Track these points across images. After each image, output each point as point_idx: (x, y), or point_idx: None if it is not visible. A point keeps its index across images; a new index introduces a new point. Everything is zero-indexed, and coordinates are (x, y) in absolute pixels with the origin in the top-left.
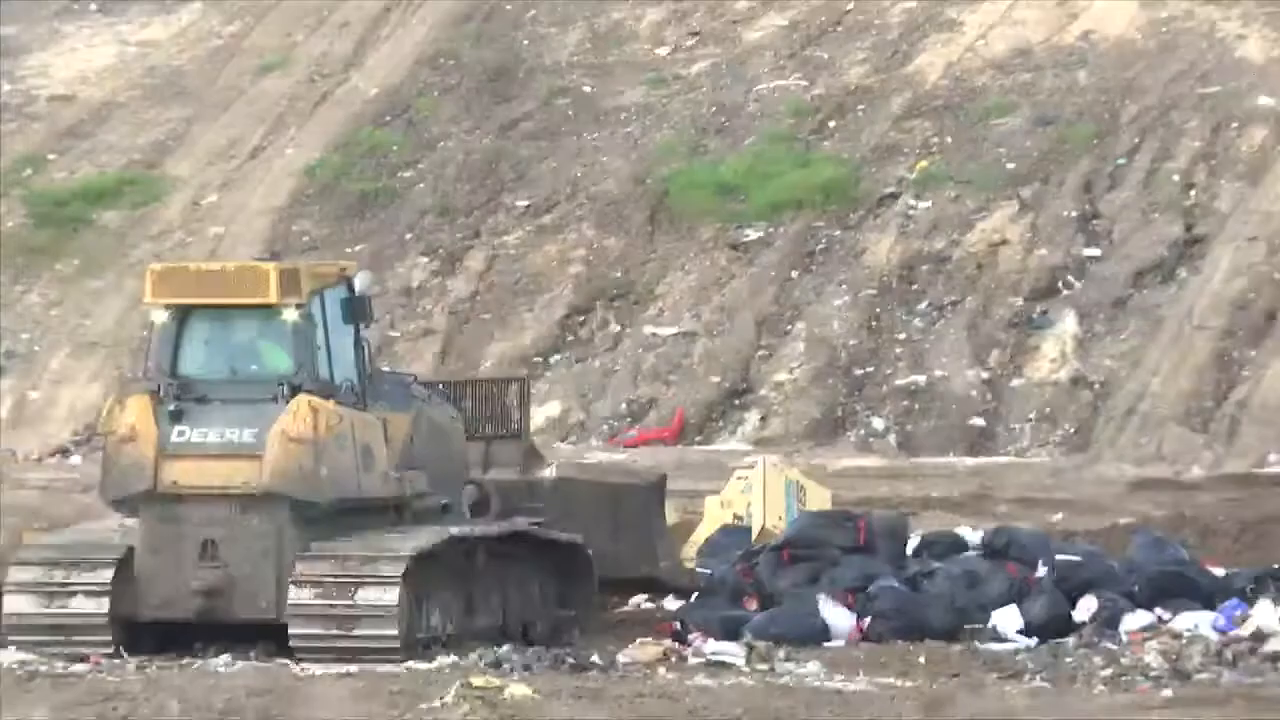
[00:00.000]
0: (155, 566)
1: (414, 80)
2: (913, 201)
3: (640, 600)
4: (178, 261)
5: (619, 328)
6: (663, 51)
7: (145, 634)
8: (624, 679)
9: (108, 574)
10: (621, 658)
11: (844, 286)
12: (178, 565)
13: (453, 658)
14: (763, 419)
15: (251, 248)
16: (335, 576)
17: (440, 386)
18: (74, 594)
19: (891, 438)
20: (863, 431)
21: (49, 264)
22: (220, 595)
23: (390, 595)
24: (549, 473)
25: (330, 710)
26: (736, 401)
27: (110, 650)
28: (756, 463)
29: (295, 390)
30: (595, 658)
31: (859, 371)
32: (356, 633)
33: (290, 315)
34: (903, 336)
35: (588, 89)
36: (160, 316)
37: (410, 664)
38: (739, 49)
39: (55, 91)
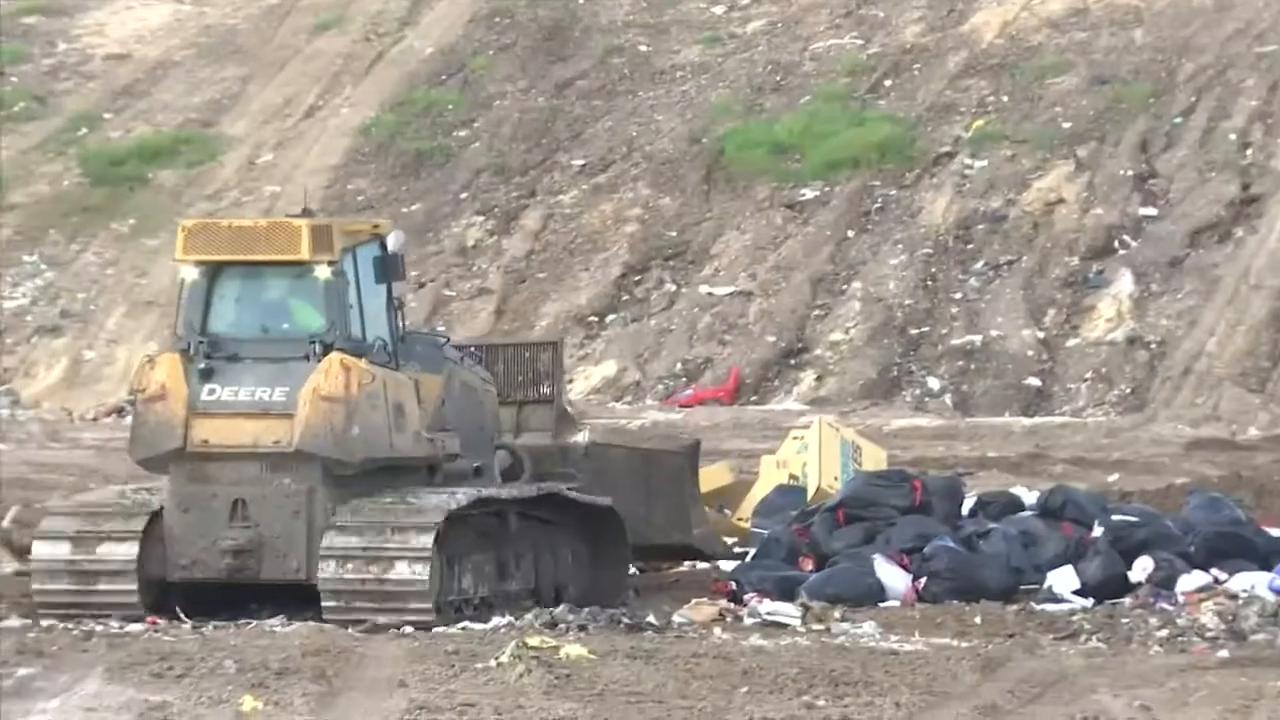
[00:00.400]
0: (185, 526)
1: (469, 39)
2: (968, 161)
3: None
4: (209, 218)
5: (674, 287)
6: (718, 10)
7: (174, 597)
8: (679, 639)
9: (139, 523)
10: (677, 618)
11: (899, 246)
12: (207, 525)
13: (508, 618)
14: (818, 379)
15: None
16: (370, 522)
17: (473, 349)
18: (103, 541)
19: (947, 398)
20: (918, 391)
21: (105, 223)
22: (250, 555)
23: (424, 539)
24: (581, 438)
25: (385, 670)
26: (792, 361)
27: (135, 600)
28: (812, 422)
29: (327, 348)
30: (650, 618)
31: (914, 331)
32: (390, 575)
33: (322, 273)
34: (958, 296)
35: (643, 48)
36: (191, 274)
37: (465, 624)
38: (794, 7)
39: (111, 50)
